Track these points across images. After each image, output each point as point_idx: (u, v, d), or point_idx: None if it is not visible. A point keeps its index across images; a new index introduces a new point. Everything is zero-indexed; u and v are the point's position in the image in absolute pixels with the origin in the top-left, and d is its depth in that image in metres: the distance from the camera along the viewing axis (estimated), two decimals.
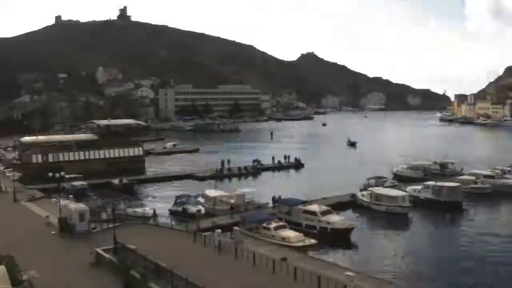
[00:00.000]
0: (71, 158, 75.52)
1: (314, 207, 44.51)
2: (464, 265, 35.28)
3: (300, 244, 36.48)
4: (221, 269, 29.69)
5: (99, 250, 31.26)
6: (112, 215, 39.79)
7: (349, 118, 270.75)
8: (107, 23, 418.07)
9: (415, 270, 34.26)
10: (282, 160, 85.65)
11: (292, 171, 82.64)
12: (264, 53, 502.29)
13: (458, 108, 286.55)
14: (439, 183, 55.48)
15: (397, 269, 34.04)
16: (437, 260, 36.53)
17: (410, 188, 56.52)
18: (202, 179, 72.26)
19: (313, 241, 37.29)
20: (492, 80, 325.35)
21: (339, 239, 40.36)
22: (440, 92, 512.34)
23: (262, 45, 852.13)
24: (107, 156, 78.87)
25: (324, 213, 43.47)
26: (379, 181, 60.09)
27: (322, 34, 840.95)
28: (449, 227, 47.87)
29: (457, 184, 55.73)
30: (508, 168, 68.24)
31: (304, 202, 46.85)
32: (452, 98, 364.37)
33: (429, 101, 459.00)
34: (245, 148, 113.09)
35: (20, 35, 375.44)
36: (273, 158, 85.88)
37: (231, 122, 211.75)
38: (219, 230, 36.62)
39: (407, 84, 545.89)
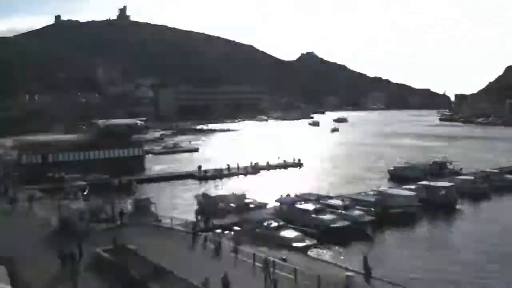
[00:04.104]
0: (71, 158, 75.44)
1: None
2: (461, 264, 35.20)
3: (300, 244, 36.43)
4: (221, 269, 29.61)
5: (99, 250, 31.16)
6: (112, 214, 39.81)
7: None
8: (107, 23, 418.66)
9: (416, 269, 34.15)
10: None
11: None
12: (264, 53, 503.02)
13: (458, 108, 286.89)
14: (433, 183, 55.42)
15: (397, 269, 33.92)
16: (436, 260, 36.44)
17: (404, 187, 56.44)
18: (201, 178, 72.38)
19: (313, 241, 37.27)
20: (492, 79, 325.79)
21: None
22: (440, 92, 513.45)
23: (262, 45, 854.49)
24: (107, 156, 78.77)
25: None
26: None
27: (322, 33, 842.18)
28: (444, 227, 47.64)
29: (451, 184, 55.68)
30: (507, 168, 68.36)
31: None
32: (452, 98, 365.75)
33: (429, 101, 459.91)
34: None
35: (20, 35, 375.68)
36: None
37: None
38: (218, 230, 36.58)
39: (407, 84, 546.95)
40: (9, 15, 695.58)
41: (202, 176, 73.50)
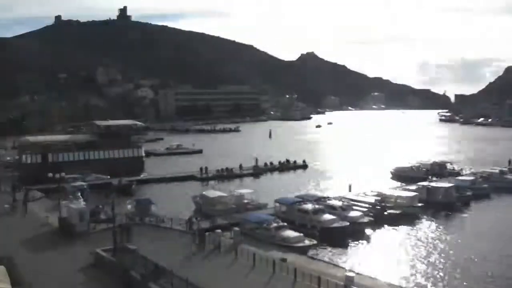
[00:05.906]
0: (71, 159, 75.34)
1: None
2: (461, 266, 35.21)
3: (300, 244, 36.44)
4: (221, 269, 29.67)
5: (99, 251, 31.20)
6: (112, 215, 39.63)
7: None
8: (107, 23, 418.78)
9: (415, 270, 34.17)
10: None
11: None
12: (264, 53, 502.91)
13: (458, 108, 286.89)
14: (433, 184, 55.42)
15: (397, 269, 33.97)
16: (435, 260, 36.46)
17: (404, 188, 56.28)
18: (203, 180, 72.27)
19: (313, 241, 37.26)
20: (492, 80, 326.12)
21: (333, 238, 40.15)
22: (440, 92, 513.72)
23: (262, 45, 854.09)
24: (107, 156, 78.66)
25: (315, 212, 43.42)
26: None
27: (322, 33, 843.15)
28: (444, 228, 47.53)
29: (451, 184, 55.73)
30: (505, 169, 68.30)
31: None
32: (452, 98, 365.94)
33: (429, 101, 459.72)
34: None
35: (20, 35, 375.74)
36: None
37: None
38: (219, 230, 36.62)
39: (407, 84, 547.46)
40: (9, 15, 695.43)
41: (204, 177, 73.38)
